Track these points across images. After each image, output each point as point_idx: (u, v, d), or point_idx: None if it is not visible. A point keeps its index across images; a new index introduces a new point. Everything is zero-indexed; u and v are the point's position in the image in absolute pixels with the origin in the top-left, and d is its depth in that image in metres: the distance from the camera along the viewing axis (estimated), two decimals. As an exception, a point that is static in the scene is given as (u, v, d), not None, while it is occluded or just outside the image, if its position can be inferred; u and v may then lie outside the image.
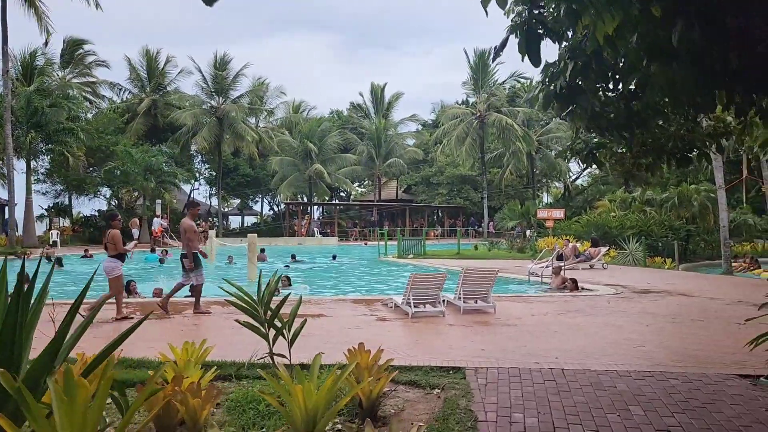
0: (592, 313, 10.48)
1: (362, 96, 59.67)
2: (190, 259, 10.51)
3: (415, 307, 10.03)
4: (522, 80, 49.25)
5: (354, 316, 10.19)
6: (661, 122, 6.48)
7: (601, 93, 6.05)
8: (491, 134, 47.97)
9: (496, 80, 48.37)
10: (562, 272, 15.50)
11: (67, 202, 48.13)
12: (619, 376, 6.32)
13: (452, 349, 7.54)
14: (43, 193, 47.83)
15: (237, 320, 5.77)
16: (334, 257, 25.65)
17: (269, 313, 5.70)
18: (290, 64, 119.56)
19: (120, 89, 51.73)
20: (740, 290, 14.25)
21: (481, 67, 47.87)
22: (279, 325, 5.59)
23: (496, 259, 24.56)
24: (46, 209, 48.51)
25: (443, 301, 11.21)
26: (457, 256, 25.56)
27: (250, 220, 65.51)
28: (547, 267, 16.78)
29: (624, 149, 6.73)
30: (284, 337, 5.69)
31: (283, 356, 5.49)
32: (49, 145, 35.57)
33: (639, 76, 4.84)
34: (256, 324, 5.64)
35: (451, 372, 6.51)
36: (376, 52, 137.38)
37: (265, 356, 5.74)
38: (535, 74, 58.02)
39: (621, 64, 5.40)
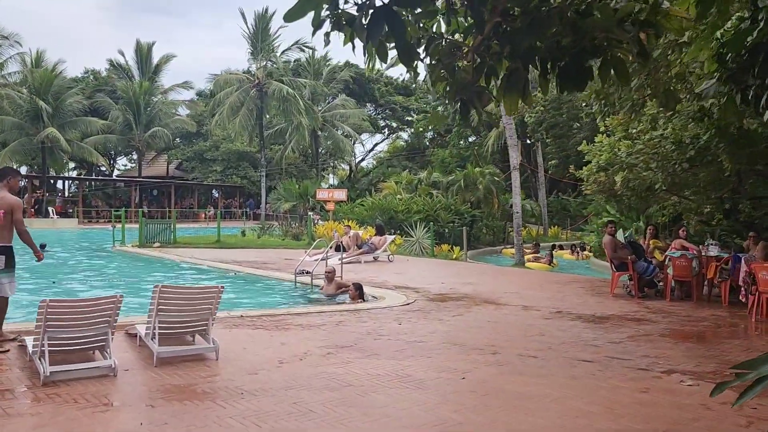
0: (376, 350, 6.63)
1: (123, 55, 50.78)
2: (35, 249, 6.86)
3: (53, 363, 5.25)
4: (307, 49, 45.28)
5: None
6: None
7: None
8: (272, 107, 43.35)
9: (278, 45, 43.75)
10: (337, 276, 11.68)
11: None
12: None
13: None
14: None
15: None
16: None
17: None
18: (51, 26, 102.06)
19: None
20: (548, 292, 11.68)
21: (261, 30, 42.79)
22: None
23: (265, 248, 20.23)
24: None
25: (137, 337, 6.60)
26: (216, 244, 20.70)
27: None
28: (322, 260, 12.87)
29: (461, 30, 2.91)
30: None
31: None
32: None
33: None
34: None
35: None
36: (158, 19, 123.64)
37: None
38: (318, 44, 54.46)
39: None
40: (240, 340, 6.93)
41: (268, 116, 47.07)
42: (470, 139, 49.28)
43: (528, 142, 35.76)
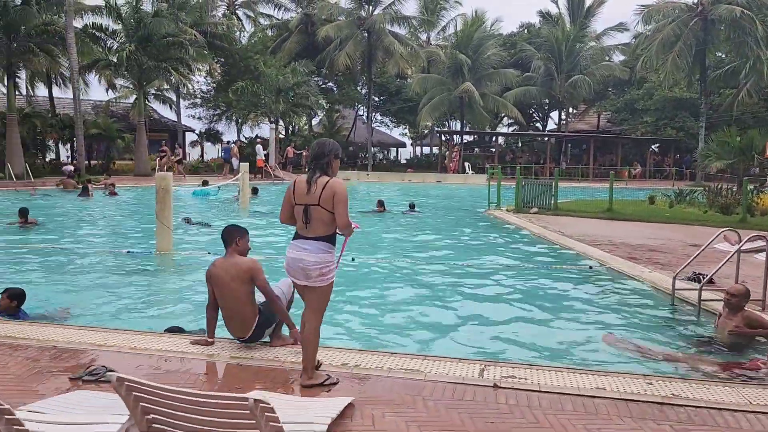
0: None
1: (556, 3, 47.81)
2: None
3: None
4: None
5: None
6: None
7: None
8: (719, 39, 34.38)
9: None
10: (757, 300, 6.19)
11: (220, 128, 46.21)
12: None
13: None
14: (198, 118, 46.18)
15: None
16: (412, 207, 17.42)
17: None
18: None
19: (276, 5, 47.84)
20: None
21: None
22: None
23: (673, 223, 14.55)
24: (198, 135, 46.97)
25: None
26: (607, 213, 15.95)
27: (425, 150, 59.17)
28: (743, 253, 7.34)
29: None
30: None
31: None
32: (162, 63, 31.37)
33: None
34: None
35: None
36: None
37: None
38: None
39: None
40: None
41: (719, 53, 38.02)
42: None
43: None
